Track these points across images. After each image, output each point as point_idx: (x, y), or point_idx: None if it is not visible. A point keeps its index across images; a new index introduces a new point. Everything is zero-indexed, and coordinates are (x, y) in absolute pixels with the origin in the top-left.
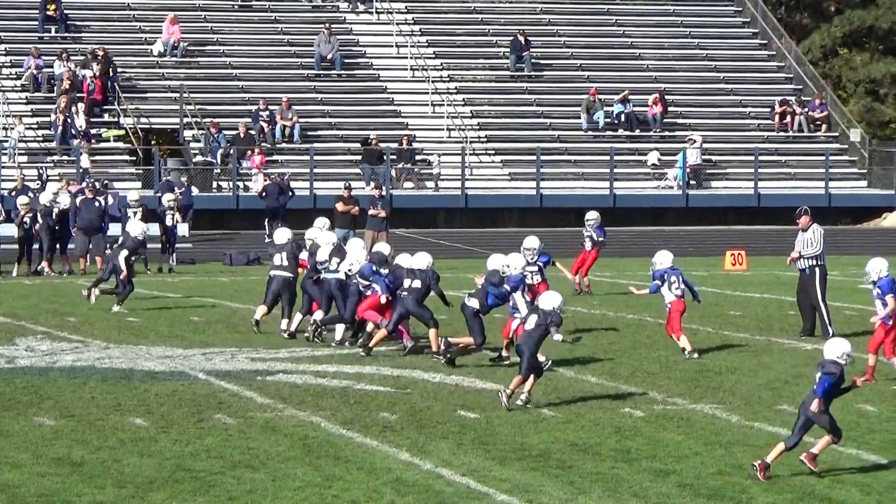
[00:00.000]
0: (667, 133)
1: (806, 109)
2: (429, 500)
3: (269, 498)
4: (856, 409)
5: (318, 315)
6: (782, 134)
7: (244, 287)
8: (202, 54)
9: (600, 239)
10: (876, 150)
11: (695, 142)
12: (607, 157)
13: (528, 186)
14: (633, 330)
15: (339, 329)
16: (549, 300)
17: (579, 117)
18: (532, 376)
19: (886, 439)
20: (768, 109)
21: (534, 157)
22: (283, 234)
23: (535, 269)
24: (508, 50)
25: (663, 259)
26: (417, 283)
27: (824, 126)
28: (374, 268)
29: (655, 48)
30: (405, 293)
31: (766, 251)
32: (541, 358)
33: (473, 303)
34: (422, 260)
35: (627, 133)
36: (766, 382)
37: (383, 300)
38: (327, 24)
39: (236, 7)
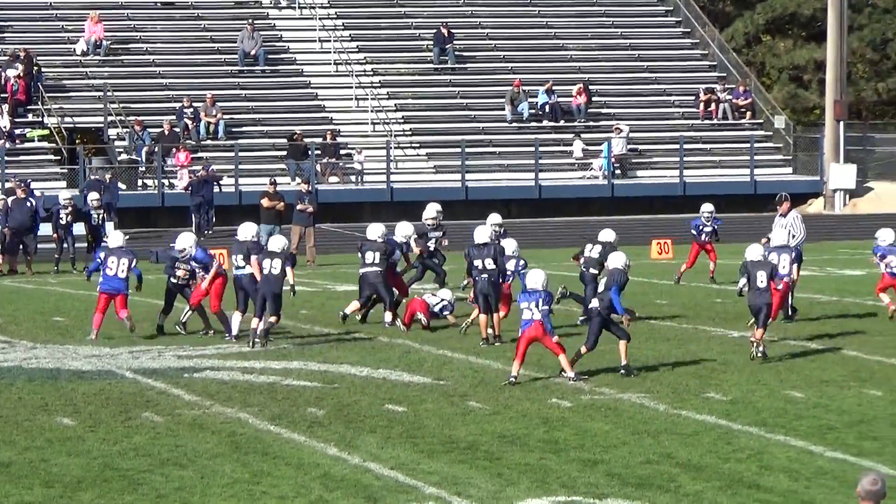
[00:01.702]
0: (592, 123)
1: (730, 97)
2: (357, 494)
3: (198, 495)
4: (783, 396)
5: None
6: (707, 122)
7: None
8: (126, 52)
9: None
10: (800, 136)
11: (620, 131)
12: (532, 149)
13: (454, 179)
14: (558, 321)
15: (236, 322)
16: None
17: (503, 109)
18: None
19: (814, 425)
20: (692, 98)
21: (458, 150)
22: (376, 230)
23: None
24: (432, 43)
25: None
26: (376, 258)
27: (748, 113)
28: (208, 252)
29: (579, 38)
30: (367, 270)
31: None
32: None
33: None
34: (375, 231)
35: (552, 124)
36: (693, 371)
37: (204, 286)
38: (250, 21)
39: (159, 4)
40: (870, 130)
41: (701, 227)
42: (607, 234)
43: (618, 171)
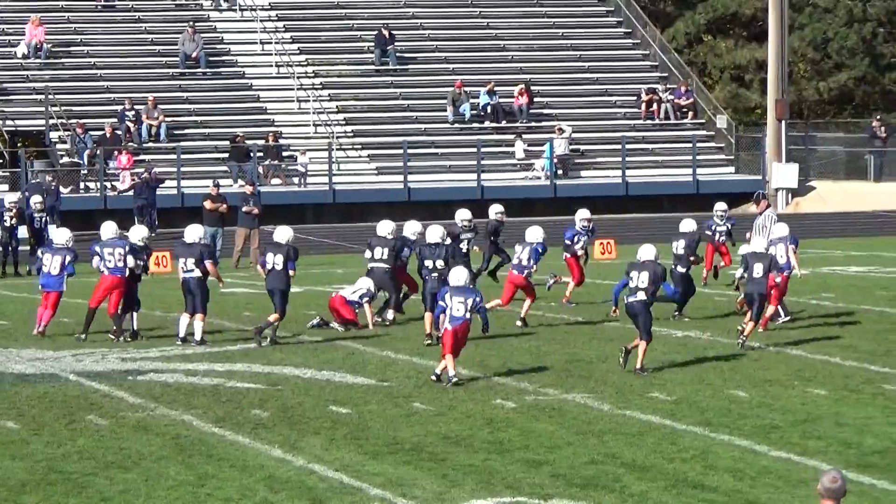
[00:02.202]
0: (533, 124)
1: (672, 97)
2: (302, 496)
3: (143, 498)
4: (727, 395)
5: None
6: (649, 122)
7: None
8: (67, 55)
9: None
10: (742, 136)
11: (562, 132)
12: (474, 150)
13: (396, 180)
14: (503, 321)
15: (183, 325)
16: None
17: (445, 110)
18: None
19: (758, 425)
20: (634, 98)
21: (401, 151)
22: (385, 227)
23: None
24: (373, 44)
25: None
26: (385, 254)
27: (690, 113)
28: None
29: (520, 39)
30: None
31: (635, 239)
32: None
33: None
34: (385, 227)
35: (494, 125)
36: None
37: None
38: (191, 23)
39: (99, 7)
40: (811, 130)
41: (714, 228)
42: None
43: (560, 172)
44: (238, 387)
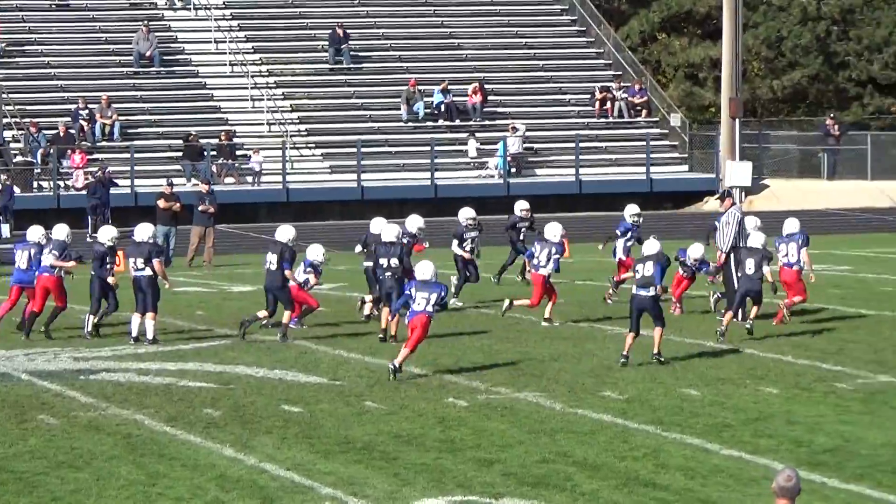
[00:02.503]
0: (487, 122)
1: (626, 95)
2: (253, 495)
3: (94, 497)
4: (679, 394)
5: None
6: (603, 120)
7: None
8: (20, 54)
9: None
10: (696, 134)
11: (516, 130)
12: (428, 148)
13: (350, 179)
14: (455, 319)
15: (135, 324)
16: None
17: (399, 109)
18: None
19: (709, 423)
20: (588, 96)
21: (354, 150)
22: (391, 232)
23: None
24: (327, 43)
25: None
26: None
27: (644, 111)
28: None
29: (474, 38)
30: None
31: (589, 238)
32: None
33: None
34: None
35: (448, 123)
36: (589, 369)
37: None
38: (145, 22)
39: (54, 6)
40: (765, 128)
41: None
42: (555, 230)
43: (513, 170)
44: (190, 386)
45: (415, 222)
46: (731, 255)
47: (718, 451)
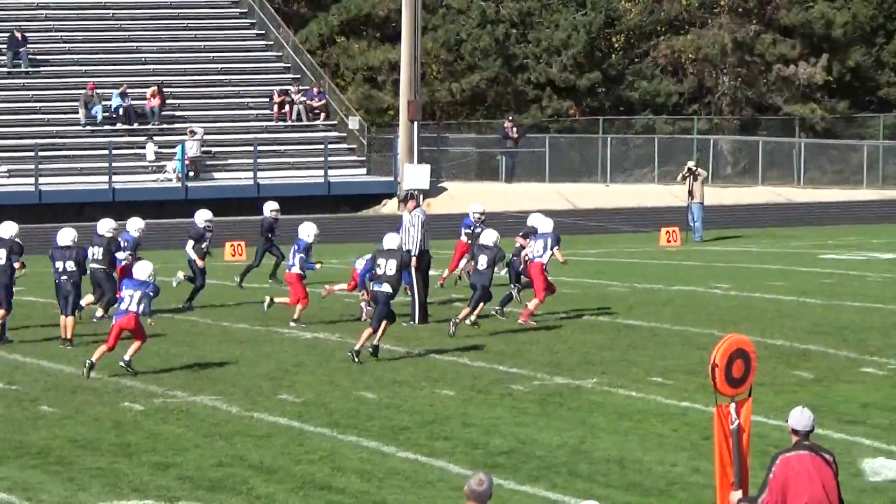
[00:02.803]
0: (166, 126)
1: (304, 98)
2: None
3: None
4: (356, 397)
5: None
6: (281, 123)
7: None
8: None
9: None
10: (375, 137)
11: (194, 133)
12: (106, 151)
13: (27, 183)
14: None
15: None
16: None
17: (77, 112)
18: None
19: (386, 426)
20: (267, 99)
21: (32, 154)
22: (393, 240)
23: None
24: (5, 46)
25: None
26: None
27: (323, 115)
28: None
29: (153, 41)
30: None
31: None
32: None
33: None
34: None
35: (126, 127)
36: (266, 372)
37: None
38: None
39: None
40: (444, 131)
41: (473, 228)
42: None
43: (192, 174)
44: None
45: (135, 224)
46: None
47: (395, 454)
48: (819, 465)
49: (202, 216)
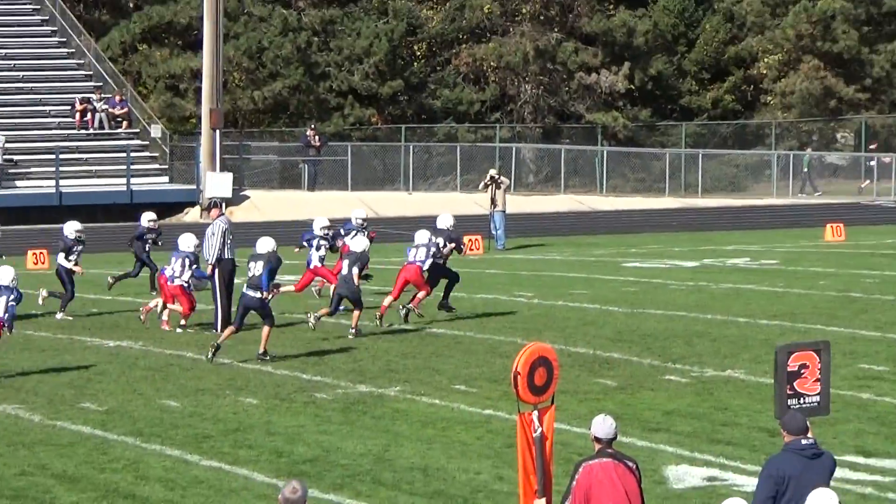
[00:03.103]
0: None
1: (106, 106)
2: None
3: None
4: (159, 405)
5: None
6: (83, 132)
7: None
8: None
9: None
10: (177, 145)
11: None
12: None
13: None
14: None
15: None
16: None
17: None
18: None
19: (189, 434)
20: (69, 107)
21: None
22: (424, 236)
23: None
24: None
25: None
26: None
27: (125, 123)
28: None
29: None
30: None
31: (111, 248)
32: None
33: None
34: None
35: None
36: (69, 380)
37: None
38: None
39: None
40: (246, 139)
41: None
42: (445, 220)
43: None
44: None
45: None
46: (218, 266)
47: (198, 462)
48: (622, 472)
49: (72, 227)
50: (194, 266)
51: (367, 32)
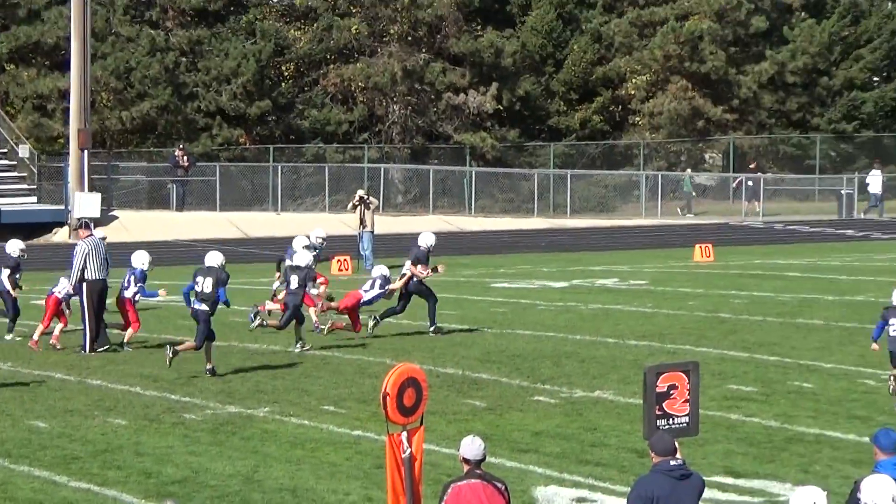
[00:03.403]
0: None
1: None
2: None
3: None
4: (27, 426)
5: None
6: None
7: None
8: None
9: None
10: (45, 165)
11: None
12: None
13: None
14: None
15: None
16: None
17: None
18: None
19: (58, 455)
20: None
21: None
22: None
23: None
24: None
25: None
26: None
27: None
28: None
29: None
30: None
31: None
32: None
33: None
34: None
35: None
36: None
37: None
38: None
39: None
40: (115, 159)
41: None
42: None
43: None
44: None
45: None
46: (87, 286)
47: (67, 484)
48: (491, 493)
49: (15, 245)
50: (139, 284)
51: (235, 53)
